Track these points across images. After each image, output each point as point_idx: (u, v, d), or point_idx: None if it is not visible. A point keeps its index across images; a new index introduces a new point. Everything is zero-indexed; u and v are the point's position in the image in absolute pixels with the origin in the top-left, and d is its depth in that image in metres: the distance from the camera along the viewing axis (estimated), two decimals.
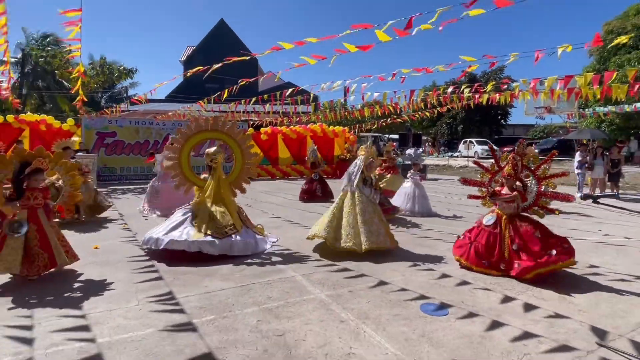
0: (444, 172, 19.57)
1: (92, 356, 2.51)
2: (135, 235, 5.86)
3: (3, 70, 9.99)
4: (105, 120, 13.92)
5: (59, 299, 3.42)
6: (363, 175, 5.17)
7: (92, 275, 4.04)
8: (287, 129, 17.11)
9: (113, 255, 4.81)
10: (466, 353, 2.59)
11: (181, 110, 19.00)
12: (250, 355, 2.53)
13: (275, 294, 3.59)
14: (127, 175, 13.46)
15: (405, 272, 4.26)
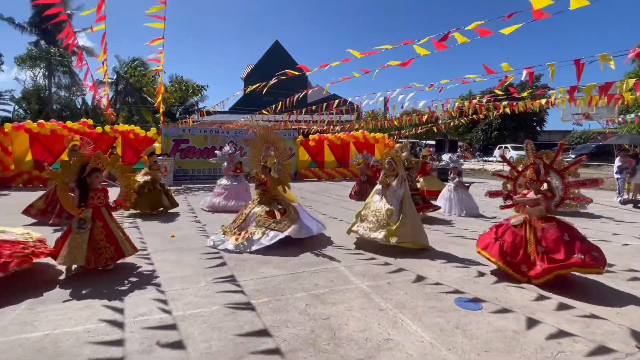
0: (479, 176, 18.62)
1: (169, 325, 2.70)
2: (204, 227, 6.18)
3: (103, 90, 11.02)
4: (180, 129, 14.82)
5: (143, 278, 3.70)
6: (386, 175, 5.08)
7: (170, 259, 4.33)
8: (333, 135, 17.17)
9: (186, 242, 5.11)
10: (499, 346, 2.47)
11: (242, 121, 19.75)
12: (300, 334, 2.59)
13: (321, 282, 3.63)
14: (197, 176, 14.22)
15: (441, 268, 4.13)
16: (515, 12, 3.97)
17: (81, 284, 3.49)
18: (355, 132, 17.79)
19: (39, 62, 28.96)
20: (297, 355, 2.32)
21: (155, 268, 4.00)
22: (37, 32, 30.00)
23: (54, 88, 30.78)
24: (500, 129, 35.09)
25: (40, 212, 6.27)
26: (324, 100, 16.36)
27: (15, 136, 12.01)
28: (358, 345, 2.46)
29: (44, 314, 2.85)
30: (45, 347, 2.39)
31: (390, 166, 5.04)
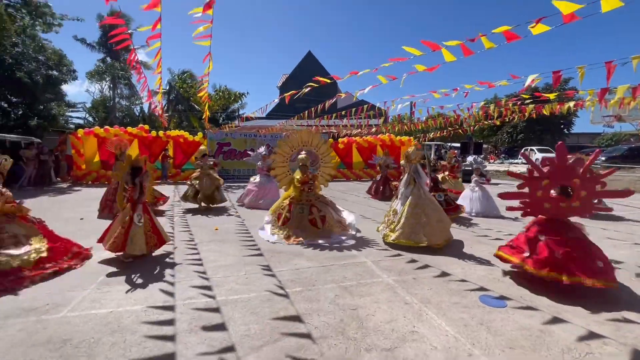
0: (504, 178, 17.72)
1: (213, 308, 2.80)
2: (243, 221, 6.35)
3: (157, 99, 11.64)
4: (223, 133, 15.33)
5: (191, 266, 3.86)
6: (409, 177, 4.96)
7: (214, 250, 4.49)
8: (360, 138, 17.04)
9: (228, 235, 5.28)
10: (524, 344, 2.34)
11: (277, 125, 20.07)
12: (329, 322, 2.59)
13: (349, 275, 3.62)
14: (237, 175, 14.64)
15: (465, 266, 3.97)
16: (544, 17, 3.73)
17: (138, 269, 3.71)
18: (382, 135, 17.53)
19: (105, 76, 31.10)
20: (327, 342, 2.33)
21: (201, 257, 4.16)
22: (103, 50, 32.17)
23: (117, 98, 32.94)
24: (526, 132, 33.14)
25: None
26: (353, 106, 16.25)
27: (85, 140, 12.98)
28: (384, 335, 2.42)
29: (109, 294, 3.06)
30: (110, 322, 2.56)
31: (404, 169, 5.03)
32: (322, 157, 5.64)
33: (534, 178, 3.65)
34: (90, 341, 2.30)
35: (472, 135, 28.77)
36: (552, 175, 3.54)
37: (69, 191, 10.74)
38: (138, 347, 2.25)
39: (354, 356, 2.18)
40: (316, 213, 5.11)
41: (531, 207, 3.70)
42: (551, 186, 3.54)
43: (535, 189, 3.61)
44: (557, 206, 3.51)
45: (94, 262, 3.89)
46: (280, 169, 5.48)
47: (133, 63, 7.71)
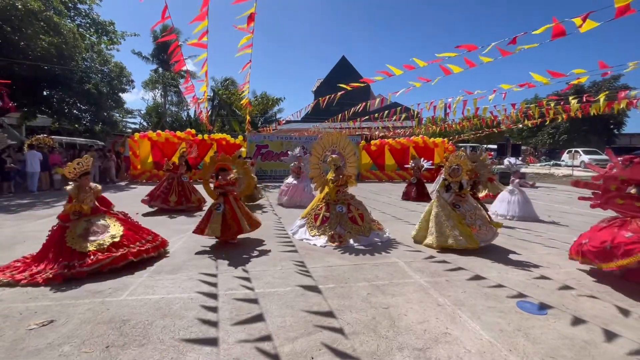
0: (545, 181, 16.50)
1: (252, 299, 2.90)
2: (279, 219, 6.50)
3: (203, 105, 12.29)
4: (262, 136, 15.79)
5: (234, 259, 4.02)
6: (446, 181, 4.75)
7: (254, 245, 4.64)
8: (393, 140, 16.71)
9: (266, 231, 5.42)
10: (566, 354, 2.17)
11: (312, 128, 20.28)
12: (362, 319, 2.58)
13: (381, 274, 3.57)
14: (274, 176, 15.02)
15: (501, 270, 3.76)
16: (592, 11, 3.44)
17: (185, 261, 3.93)
18: (415, 137, 17.07)
19: (157, 85, 33.35)
20: (359, 338, 2.32)
21: (241, 252, 4.32)
22: (156, 61, 34.50)
23: (167, 105, 35.15)
24: (570, 132, 30.52)
25: (174, 203, 7.24)
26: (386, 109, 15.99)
27: (140, 143, 13.99)
28: (416, 335, 2.37)
29: (161, 281, 3.28)
30: (162, 307, 2.74)
31: (454, 173, 4.72)
32: (347, 158, 5.64)
33: (612, 172, 3.60)
34: (145, 323, 2.49)
35: (510, 136, 27.09)
36: (630, 172, 3.49)
37: (126, 188, 11.63)
38: (185, 331, 2.39)
39: (385, 353, 2.16)
40: (355, 211, 5.09)
41: (602, 199, 3.65)
42: (628, 183, 3.51)
43: (611, 182, 3.59)
44: (631, 204, 3.44)
45: None
46: (316, 171, 5.53)
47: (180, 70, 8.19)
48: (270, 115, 29.75)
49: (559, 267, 3.87)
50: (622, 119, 30.34)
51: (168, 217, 6.67)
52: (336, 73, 42.35)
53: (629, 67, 5.82)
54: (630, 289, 3.23)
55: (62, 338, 2.29)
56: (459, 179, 4.70)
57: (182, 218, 6.57)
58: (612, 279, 3.46)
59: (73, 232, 3.59)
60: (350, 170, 5.62)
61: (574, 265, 3.92)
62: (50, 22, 13.03)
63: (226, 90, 28.10)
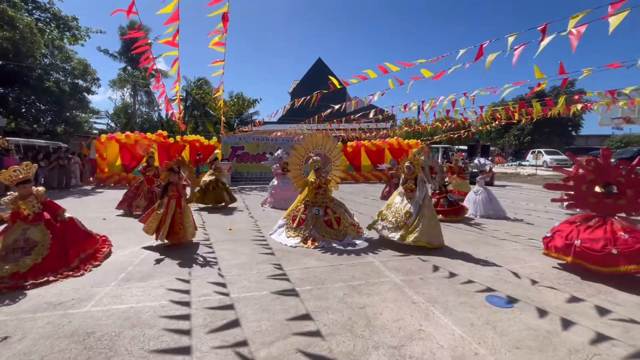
0: (511, 179, 17.39)
1: (227, 305, 2.84)
2: (256, 222, 6.41)
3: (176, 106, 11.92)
4: (237, 137, 15.51)
5: (208, 264, 3.91)
6: (405, 178, 4.92)
7: (228, 249, 4.54)
8: (369, 142, 16.99)
9: (241, 234, 5.33)
10: (531, 344, 2.29)
11: (289, 130, 20.20)
12: (338, 320, 2.59)
13: (358, 274, 3.61)
14: (250, 178, 14.80)
15: (472, 267, 3.91)
16: (549, 22, 3.68)
17: (156, 268, 3.78)
18: (390, 139, 17.45)
19: (126, 84, 31.94)
20: (336, 339, 2.33)
21: (216, 256, 4.22)
22: (124, 59, 33.05)
23: (137, 105, 33.75)
24: (533, 134, 32.43)
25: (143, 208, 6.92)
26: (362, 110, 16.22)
27: (108, 145, 13.32)
28: (391, 333, 2.41)
29: (130, 290, 3.13)
30: (130, 316, 2.62)
31: (409, 170, 4.88)
32: (334, 160, 5.63)
33: (580, 174, 3.88)
34: (111, 334, 2.36)
35: (480, 138, 28.35)
36: (596, 172, 3.79)
37: (92, 193, 11.03)
38: (156, 340, 2.30)
39: (361, 353, 2.18)
40: (331, 214, 5.09)
41: (576, 199, 3.95)
42: (596, 182, 3.80)
43: (580, 183, 3.88)
44: (602, 201, 3.73)
45: (118, 259, 3.98)
46: (296, 172, 5.47)
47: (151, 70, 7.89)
48: (246, 117, 29.32)
49: (525, 262, 4.09)
50: (579, 121, 32.59)
51: (137, 221, 6.39)
52: (312, 74, 42.48)
53: (584, 74, 6.26)
54: (586, 280, 3.46)
55: (18, 356, 2.13)
56: (414, 175, 4.85)
57: None
58: (570, 272, 3.70)
59: (4, 240, 3.37)
60: (337, 172, 5.60)
61: (538, 259, 4.16)
62: (4, 15, 12.14)
63: (199, 90, 27.41)
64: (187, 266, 3.81)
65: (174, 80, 8.01)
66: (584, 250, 3.49)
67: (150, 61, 6.67)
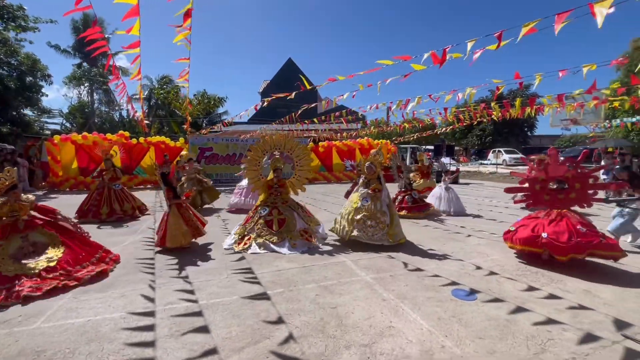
0: (474, 178, 18.33)
1: (194, 312, 2.74)
2: (226, 225, 6.24)
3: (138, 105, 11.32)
4: (205, 138, 15.04)
5: (174, 271, 3.75)
6: (366, 177, 4.98)
7: (196, 254, 4.39)
8: (340, 142, 17.18)
9: (210, 238, 5.16)
10: (492, 334, 2.42)
11: (259, 130, 19.92)
12: (310, 321, 2.59)
13: (329, 275, 3.62)
14: (220, 180, 14.40)
15: (438, 262, 4.08)
16: (504, 29, 3.93)
17: (119, 276, 3.57)
18: (361, 139, 17.76)
19: (82, 82, 29.88)
20: (308, 341, 2.32)
21: (183, 262, 4.06)
22: (79, 55, 30.92)
23: (95, 104, 31.69)
24: (494, 135, 34.48)
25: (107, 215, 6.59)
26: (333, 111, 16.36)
27: (62, 147, 12.38)
28: (362, 331, 2.45)
29: (87, 302, 2.92)
30: (87, 331, 2.45)
31: (370, 170, 4.92)
32: (298, 161, 5.52)
33: (533, 175, 4.21)
34: (65, 352, 2.19)
35: (445, 138, 29.63)
36: (546, 172, 4.13)
37: (44, 198, 10.19)
38: (116, 355, 2.16)
39: (333, 353, 2.19)
40: (275, 215, 4.89)
41: (533, 199, 4.27)
42: (548, 181, 4.12)
43: (534, 183, 4.19)
44: (555, 197, 4.06)
45: None
46: (252, 172, 5.29)
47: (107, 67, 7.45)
48: (215, 116, 28.53)
49: (487, 256, 4.32)
50: (533, 122, 35.07)
51: (96, 227, 6.01)
52: (283, 75, 42.22)
53: (537, 79, 6.75)
54: (541, 270, 3.73)
55: None
56: (375, 175, 4.95)
57: (110, 229, 5.95)
58: (527, 263, 3.97)
59: (5, 250, 3.15)
60: (302, 174, 5.43)
61: (499, 253, 4.41)
62: None
63: (162, 89, 26.26)
64: (151, 274, 3.63)
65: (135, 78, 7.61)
66: (551, 242, 3.73)
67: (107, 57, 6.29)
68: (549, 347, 2.26)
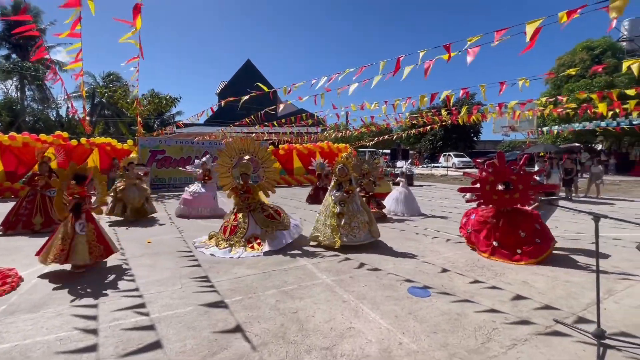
0: (427, 180, 19.40)
1: (145, 327, 2.54)
2: (180, 232, 5.92)
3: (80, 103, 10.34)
4: (157, 140, 14.15)
5: (119, 283, 3.46)
6: (337, 180, 5.07)
7: (146, 264, 4.09)
8: (301, 145, 17.20)
9: (162, 247, 4.87)
10: (445, 327, 2.56)
11: (216, 132, 19.25)
12: (270, 328, 2.54)
13: (290, 279, 3.59)
14: (173, 184, 13.61)
15: (395, 261, 4.23)
16: (452, 42, 4.23)
17: (53, 294, 3.21)
18: (321, 143, 17.95)
19: (11, 75, 26.57)
20: (268, 348, 2.27)
21: (132, 273, 3.76)
22: (7, 46, 27.55)
23: (26, 101, 28.33)
24: (444, 139, 36.93)
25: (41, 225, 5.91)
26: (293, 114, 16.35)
27: None
28: (323, 335, 2.45)
29: (13, 324, 2.58)
30: (14, 357, 2.16)
31: (342, 172, 5.04)
32: (263, 163, 5.47)
33: (483, 176, 4.58)
34: None
35: (401, 142, 31.06)
36: (495, 173, 4.53)
37: None
38: None
39: (294, 359, 2.16)
40: (269, 209, 5.05)
41: (483, 198, 4.63)
42: (496, 182, 4.52)
43: (484, 184, 4.56)
44: (502, 197, 4.45)
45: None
46: (226, 179, 5.15)
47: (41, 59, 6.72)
48: (168, 117, 27.05)
49: (439, 254, 4.58)
50: (478, 128, 38.16)
51: (28, 237, 5.36)
52: (241, 76, 41.24)
53: (482, 90, 7.38)
54: (487, 265, 4.04)
55: None
56: (347, 177, 5.08)
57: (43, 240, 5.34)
58: (475, 259, 4.28)
59: None
60: (269, 177, 5.39)
61: (450, 250, 4.71)
62: None
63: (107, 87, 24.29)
64: (94, 288, 3.31)
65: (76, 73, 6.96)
66: (500, 250, 4.21)
67: (42, 50, 5.70)
68: (494, 336, 2.44)
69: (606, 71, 19.13)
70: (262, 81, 40.11)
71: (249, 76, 39.60)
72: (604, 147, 24.41)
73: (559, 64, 22.20)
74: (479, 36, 4.10)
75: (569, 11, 3.40)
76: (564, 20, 3.40)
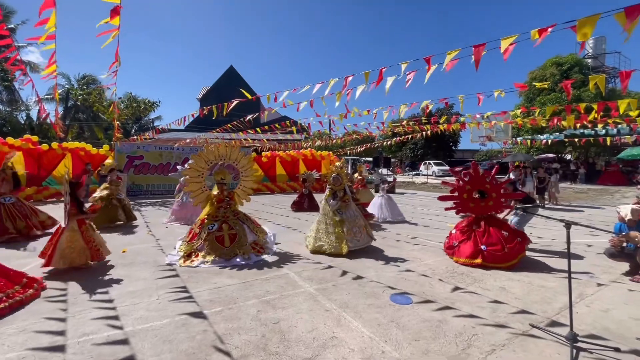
0: (408, 187, 19.74)
1: (117, 342, 2.42)
2: (157, 241, 5.72)
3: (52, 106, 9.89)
4: (135, 145, 13.72)
5: (91, 295, 3.30)
6: (332, 189, 5.16)
7: (121, 275, 3.92)
8: (284, 153, 17.15)
9: (139, 257, 4.68)
10: (427, 335, 2.59)
11: (197, 138, 18.90)
12: (251, 340, 2.48)
13: (272, 288, 3.53)
14: (151, 191, 13.20)
15: (378, 269, 4.25)
16: (432, 54, 4.38)
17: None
18: (304, 150, 17.97)
19: None
20: None
21: (105, 284, 3.59)
22: None
23: None
24: (425, 148, 37.88)
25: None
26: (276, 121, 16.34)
27: None
28: (306, 345, 2.41)
29: None
30: None
31: (336, 181, 5.14)
32: (243, 171, 5.38)
33: (460, 185, 4.76)
34: None
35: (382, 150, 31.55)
36: (471, 183, 4.72)
37: None
38: None
39: None
40: (226, 230, 4.70)
41: (461, 206, 4.84)
42: (472, 190, 4.71)
43: (462, 192, 4.75)
44: (478, 205, 4.65)
45: None
46: (195, 185, 4.97)
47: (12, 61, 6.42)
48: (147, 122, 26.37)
49: (421, 261, 4.64)
50: (457, 138, 39.38)
51: None
52: (223, 82, 40.90)
53: (460, 101, 7.65)
54: (466, 272, 4.13)
55: None
56: (342, 186, 5.14)
57: (3, 252, 5.04)
58: (454, 267, 4.37)
59: None
60: (247, 184, 5.32)
61: (431, 257, 4.78)
62: None
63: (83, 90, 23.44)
64: (62, 301, 3.13)
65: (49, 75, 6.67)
66: (490, 253, 4.29)
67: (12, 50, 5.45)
68: (474, 341, 2.49)
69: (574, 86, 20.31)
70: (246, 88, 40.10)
71: (232, 82, 39.37)
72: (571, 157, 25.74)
73: (531, 78, 23.36)
74: (456, 50, 4.27)
75: (540, 29, 3.60)
76: (536, 38, 3.60)
